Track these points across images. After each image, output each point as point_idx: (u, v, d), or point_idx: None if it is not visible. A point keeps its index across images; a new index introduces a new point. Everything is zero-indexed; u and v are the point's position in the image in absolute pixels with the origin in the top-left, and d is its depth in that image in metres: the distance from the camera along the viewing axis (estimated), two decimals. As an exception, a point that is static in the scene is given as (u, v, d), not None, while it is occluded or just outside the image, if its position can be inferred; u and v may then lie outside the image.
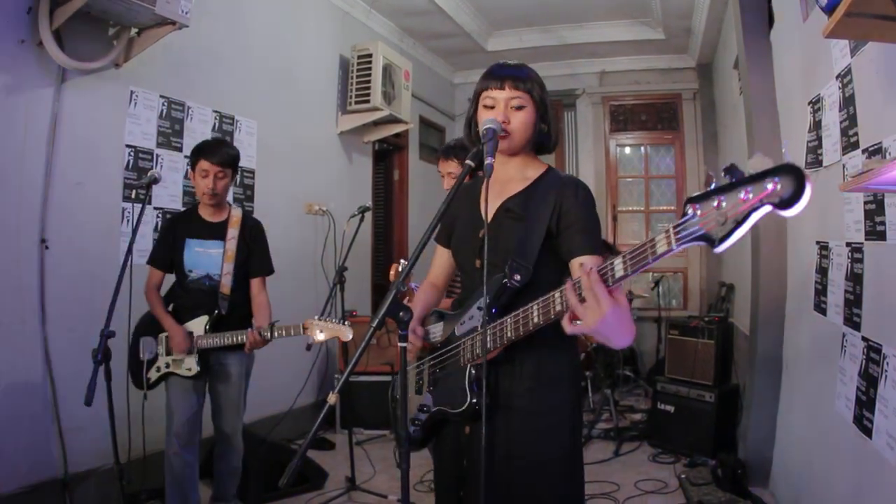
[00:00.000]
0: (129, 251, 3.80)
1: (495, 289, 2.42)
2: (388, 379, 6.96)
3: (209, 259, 4.52)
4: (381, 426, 7.04)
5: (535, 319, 2.20)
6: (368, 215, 6.44)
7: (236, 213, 4.63)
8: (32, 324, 4.61)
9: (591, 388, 8.21)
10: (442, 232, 2.90)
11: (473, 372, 2.46)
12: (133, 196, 5.18)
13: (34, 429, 4.58)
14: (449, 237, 2.86)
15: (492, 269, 2.43)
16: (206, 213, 4.58)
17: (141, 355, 4.40)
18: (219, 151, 4.43)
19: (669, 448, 6.51)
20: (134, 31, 5.06)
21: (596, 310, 1.96)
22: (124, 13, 4.72)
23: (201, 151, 4.43)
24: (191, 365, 4.40)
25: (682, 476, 5.63)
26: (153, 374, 4.45)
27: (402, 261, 4.55)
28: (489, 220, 2.57)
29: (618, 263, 1.92)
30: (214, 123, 6.11)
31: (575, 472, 2.58)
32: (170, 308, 4.55)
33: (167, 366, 4.44)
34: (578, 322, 2.04)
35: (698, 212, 1.68)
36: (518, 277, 2.40)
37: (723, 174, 1.62)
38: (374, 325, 2.10)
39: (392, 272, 4.89)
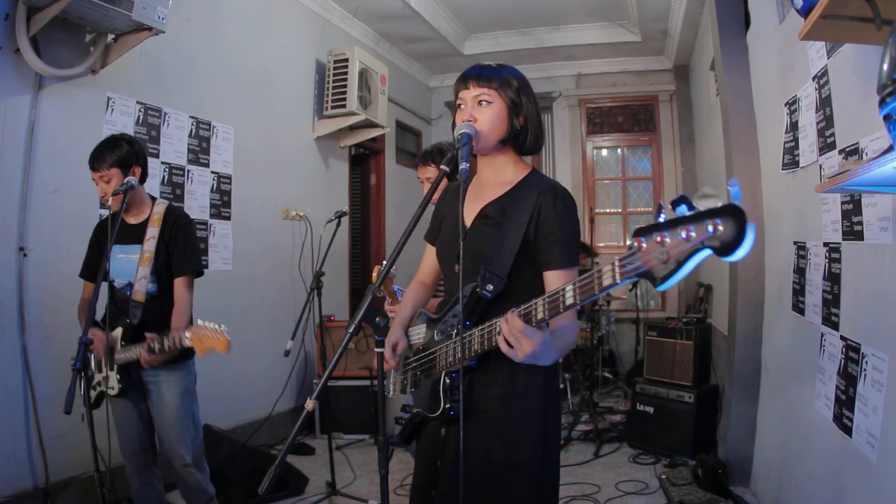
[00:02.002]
0: (106, 259, 3.77)
1: (469, 298, 2.43)
2: (366, 383, 6.96)
3: (131, 265, 4.05)
4: (361, 431, 7.04)
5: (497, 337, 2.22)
6: (345, 220, 6.43)
7: (158, 210, 4.16)
8: (11, 332, 4.57)
9: (569, 390, 8.23)
10: (432, 230, 2.89)
11: (447, 380, 2.47)
12: (109, 203, 5.13)
13: (14, 437, 4.54)
14: (437, 236, 2.86)
15: (470, 275, 2.44)
16: (128, 216, 4.14)
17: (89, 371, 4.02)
18: (98, 157, 4.03)
19: (649, 449, 6.53)
20: (111, 37, 5.02)
21: (520, 350, 2.11)
22: (101, 19, 4.68)
23: (89, 161, 4.06)
24: (113, 383, 3.96)
25: (663, 477, 5.64)
26: (93, 393, 4.07)
27: (384, 262, 4.54)
28: (470, 224, 2.58)
29: (569, 291, 1.94)
30: (191, 129, 6.08)
31: (546, 476, 2.56)
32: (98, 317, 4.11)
33: (99, 384, 4.06)
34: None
35: (644, 245, 1.61)
36: (490, 287, 2.39)
37: (670, 206, 1.55)
38: (350, 330, 2.09)
39: (375, 275, 4.87)
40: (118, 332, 3.98)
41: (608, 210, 11.23)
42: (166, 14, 4.88)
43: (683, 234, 1.50)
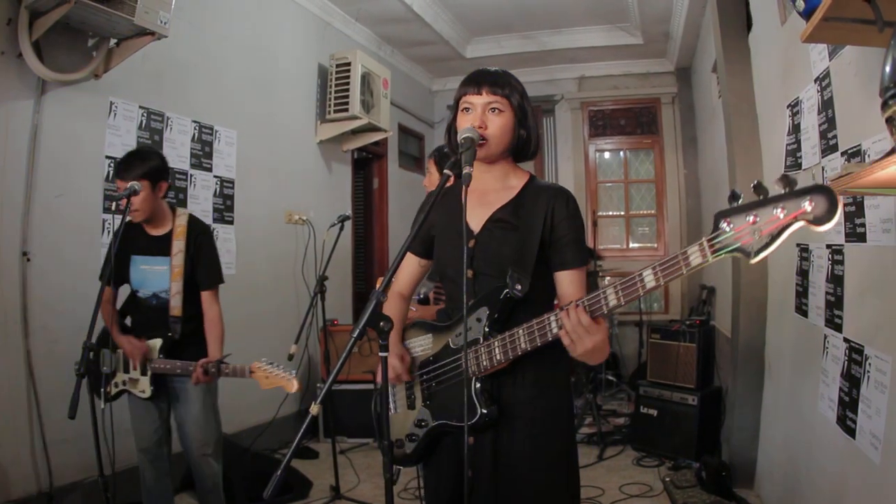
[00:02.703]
0: (110, 263, 3.78)
1: (496, 300, 2.43)
2: (370, 387, 6.94)
3: (155, 276, 4.23)
4: (365, 434, 7.03)
5: (555, 330, 2.25)
6: (348, 224, 6.44)
7: (181, 222, 4.28)
8: (15, 337, 4.59)
9: (573, 394, 8.21)
10: (417, 240, 2.80)
11: (479, 385, 2.45)
12: (113, 208, 5.14)
13: (18, 442, 4.55)
14: (423, 246, 2.82)
15: (483, 279, 2.46)
16: (149, 226, 4.27)
17: (101, 367, 4.14)
18: (128, 167, 4.06)
19: (653, 451, 6.53)
20: (113, 41, 5.04)
21: (581, 345, 2.18)
22: (104, 24, 4.70)
23: (115, 170, 4.22)
24: (144, 387, 4.17)
25: (667, 479, 5.64)
26: (112, 389, 4.24)
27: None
28: (478, 230, 2.58)
29: (648, 274, 2.00)
30: (194, 134, 6.10)
31: (573, 470, 2.62)
32: (128, 322, 4.40)
33: (124, 383, 4.24)
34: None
35: (731, 226, 1.82)
36: (519, 287, 2.40)
37: (752, 190, 1.80)
38: (354, 335, 2.07)
39: (379, 283, 4.88)
40: (157, 342, 4.16)
41: (611, 213, 11.23)
42: (168, 18, 4.89)
43: (777, 211, 1.74)
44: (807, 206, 1.68)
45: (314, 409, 2.03)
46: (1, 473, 4.39)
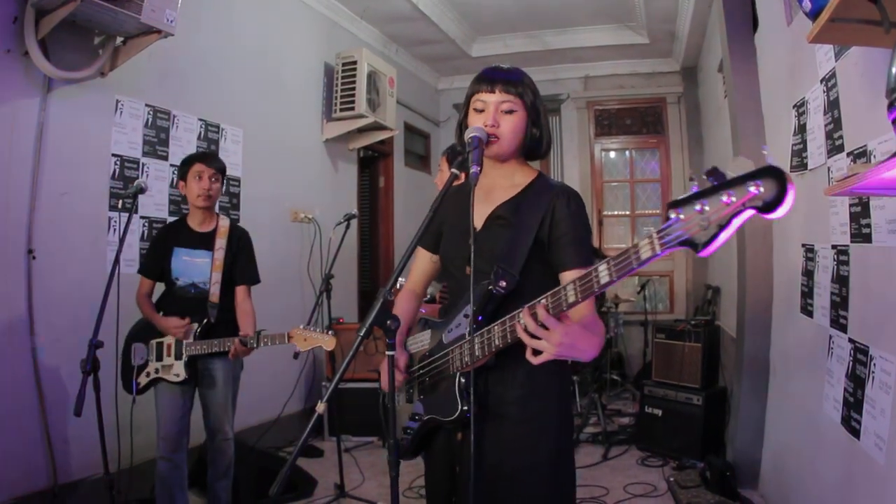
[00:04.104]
0: (117, 261, 3.79)
1: (481, 295, 2.40)
2: (375, 385, 6.95)
3: (195, 267, 4.55)
4: (370, 433, 7.04)
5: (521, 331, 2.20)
6: (354, 222, 6.43)
7: (224, 224, 4.68)
8: (20, 334, 4.59)
9: (578, 393, 8.21)
10: (427, 235, 2.80)
11: (463, 380, 2.44)
12: (119, 206, 5.16)
13: (23, 439, 4.55)
14: (435, 241, 2.82)
15: (481, 276, 2.41)
16: (194, 223, 4.61)
17: (132, 361, 4.41)
18: (214, 157, 4.69)
19: (658, 451, 6.52)
20: (119, 40, 5.04)
21: (551, 339, 2.10)
22: (110, 22, 4.70)
23: (196, 157, 4.59)
24: (179, 371, 4.42)
25: (671, 479, 5.63)
26: (143, 380, 4.45)
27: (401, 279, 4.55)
28: (479, 227, 2.56)
29: (603, 269, 1.93)
30: (200, 132, 6.11)
31: (564, 474, 2.55)
32: (161, 314, 4.55)
33: (157, 371, 4.44)
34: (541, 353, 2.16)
35: (681, 216, 1.68)
36: (503, 284, 2.37)
37: (704, 177, 1.62)
38: (361, 333, 2.08)
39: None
40: (192, 327, 4.49)
41: (616, 212, 11.21)
42: (175, 17, 4.89)
43: (725, 199, 1.56)
44: (753, 190, 1.51)
45: (320, 407, 2.04)
46: (6, 470, 4.40)
